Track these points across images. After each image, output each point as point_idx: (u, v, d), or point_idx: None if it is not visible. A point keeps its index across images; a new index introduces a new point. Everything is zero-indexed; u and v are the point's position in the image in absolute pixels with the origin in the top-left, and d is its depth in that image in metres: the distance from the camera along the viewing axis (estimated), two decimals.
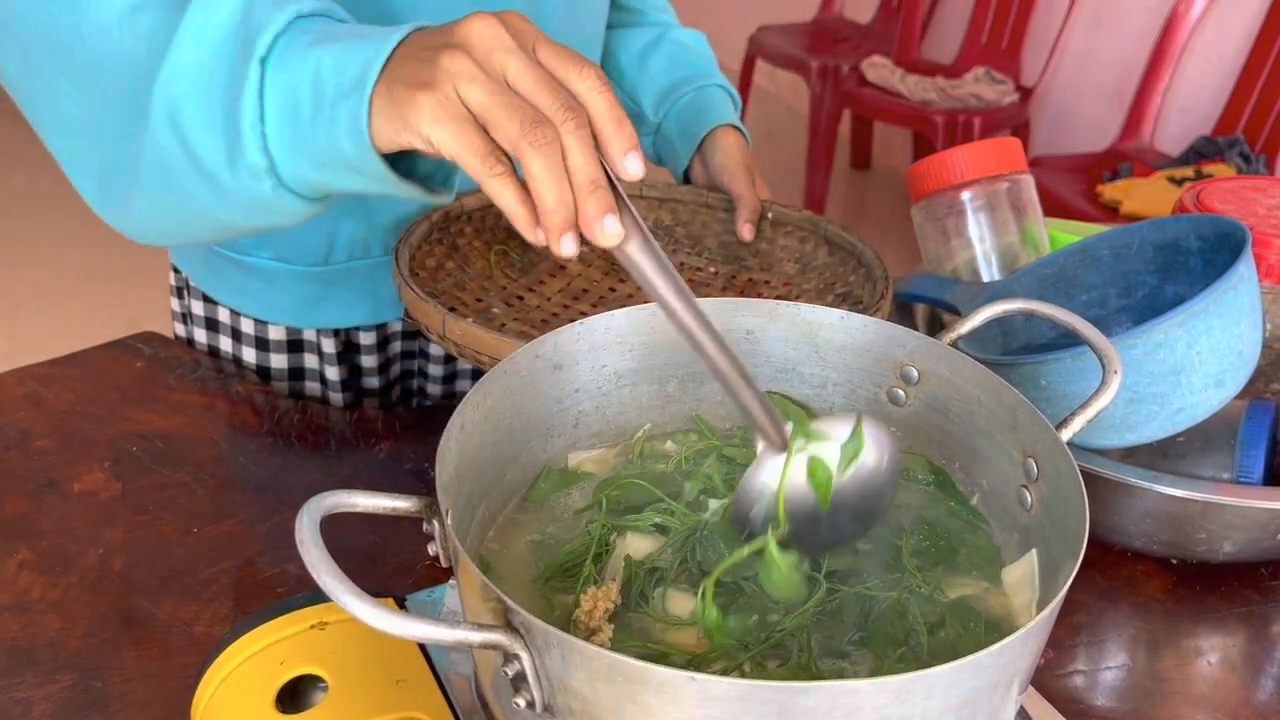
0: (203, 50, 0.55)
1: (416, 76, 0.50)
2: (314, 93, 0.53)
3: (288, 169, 0.56)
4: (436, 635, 0.43)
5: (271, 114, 0.54)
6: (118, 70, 0.58)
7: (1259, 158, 2.34)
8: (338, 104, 0.52)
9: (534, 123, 0.47)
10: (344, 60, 0.52)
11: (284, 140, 0.54)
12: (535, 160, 0.47)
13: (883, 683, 0.41)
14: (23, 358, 0.98)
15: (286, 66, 0.53)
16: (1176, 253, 0.83)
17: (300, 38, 0.54)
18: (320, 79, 0.52)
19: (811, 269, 0.95)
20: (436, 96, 0.49)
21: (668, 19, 1.09)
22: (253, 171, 0.55)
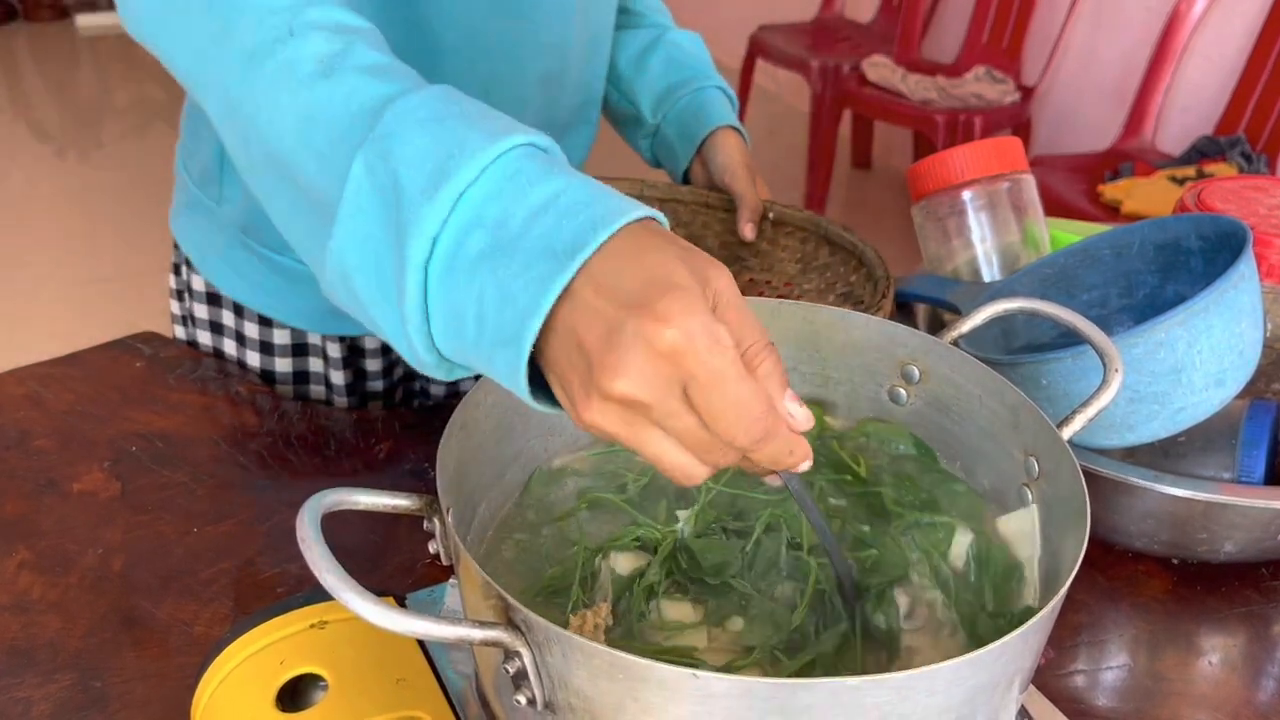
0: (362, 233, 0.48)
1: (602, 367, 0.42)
2: (478, 323, 0.45)
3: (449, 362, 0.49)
4: (438, 632, 0.43)
5: (436, 320, 0.47)
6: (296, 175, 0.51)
7: (1260, 157, 2.34)
8: (496, 349, 0.45)
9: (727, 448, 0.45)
10: (505, 296, 0.44)
11: (450, 347, 0.48)
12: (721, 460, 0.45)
13: (883, 680, 0.41)
14: (23, 358, 0.98)
15: (451, 283, 0.46)
16: (1177, 252, 0.83)
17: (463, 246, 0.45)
18: (483, 311, 0.45)
19: (813, 269, 0.95)
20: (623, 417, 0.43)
21: (664, 20, 1.10)
22: (421, 364, 0.49)
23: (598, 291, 0.42)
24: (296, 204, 0.52)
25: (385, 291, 0.48)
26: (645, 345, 0.41)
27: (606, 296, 0.42)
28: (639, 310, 0.41)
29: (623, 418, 0.43)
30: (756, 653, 0.53)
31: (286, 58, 0.51)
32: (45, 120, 4.34)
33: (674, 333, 0.41)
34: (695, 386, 0.42)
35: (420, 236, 0.45)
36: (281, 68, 0.51)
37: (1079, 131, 2.96)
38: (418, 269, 0.46)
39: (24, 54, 5.08)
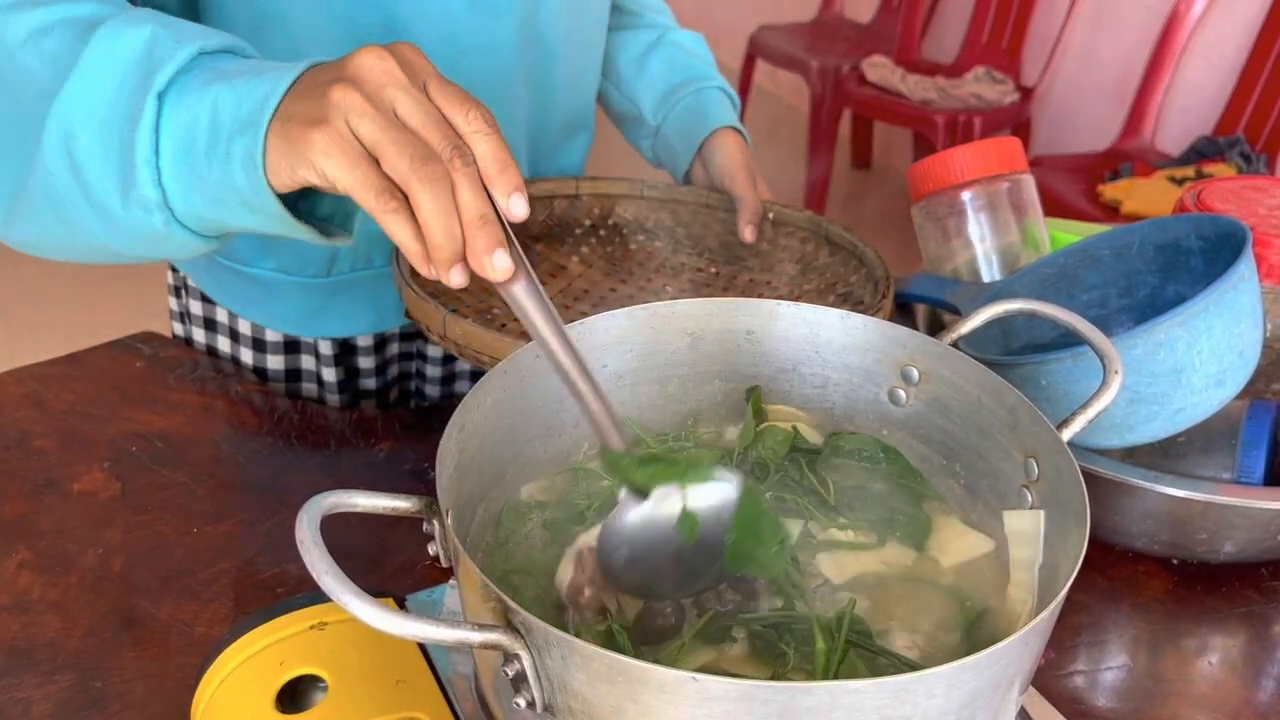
0: (103, 81, 0.55)
1: (309, 112, 0.50)
2: (210, 128, 0.53)
3: (181, 204, 0.55)
4: (437, 635, 0.43)
5: (167, 149, 0.54)
6: (19, 90, 0.57)
7: (1260, 157, 2.34)
8: (233, 139, 0.52)
9: (423, 159, 0.48)
10: (240, 96, 0.52)
11: (179, 175, 0.54)
12: (424, 195, 0.48)
13: (883, 683, 0.41)
14: (23, 358, 0.98)
15: (184, 102, 0.53)
16: (1177, 252, 0.83)
17: (200, 74, 0.54)
18: (217, 114, 0.52)
19: (813, 269, 0.95)
20: (329, 132, 0.49)
21: (666, 21, 1.10)
22: (144, 205, 0.55)
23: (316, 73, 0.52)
24: (10, 125, 0.58)
25: (110, 135, 0.54)
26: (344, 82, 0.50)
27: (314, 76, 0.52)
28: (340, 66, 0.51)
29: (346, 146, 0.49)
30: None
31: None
32: None
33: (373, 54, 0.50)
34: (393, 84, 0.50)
35: (166, 68, 0.53)
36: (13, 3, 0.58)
37: (1078, 132, 2.96)
38: (154, 96, 0.53)
39: None
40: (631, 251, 1.00)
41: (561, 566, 0.55)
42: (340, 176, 0.49)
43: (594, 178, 1.01)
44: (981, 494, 0.63)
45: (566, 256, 0.97)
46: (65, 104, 0.55)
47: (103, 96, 0.55)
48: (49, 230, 0.61)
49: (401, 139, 0.48)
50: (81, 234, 0.59)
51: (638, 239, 1.01)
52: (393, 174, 0.49)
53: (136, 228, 0.57)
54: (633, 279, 0.95)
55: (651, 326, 0.67)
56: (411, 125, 0.50)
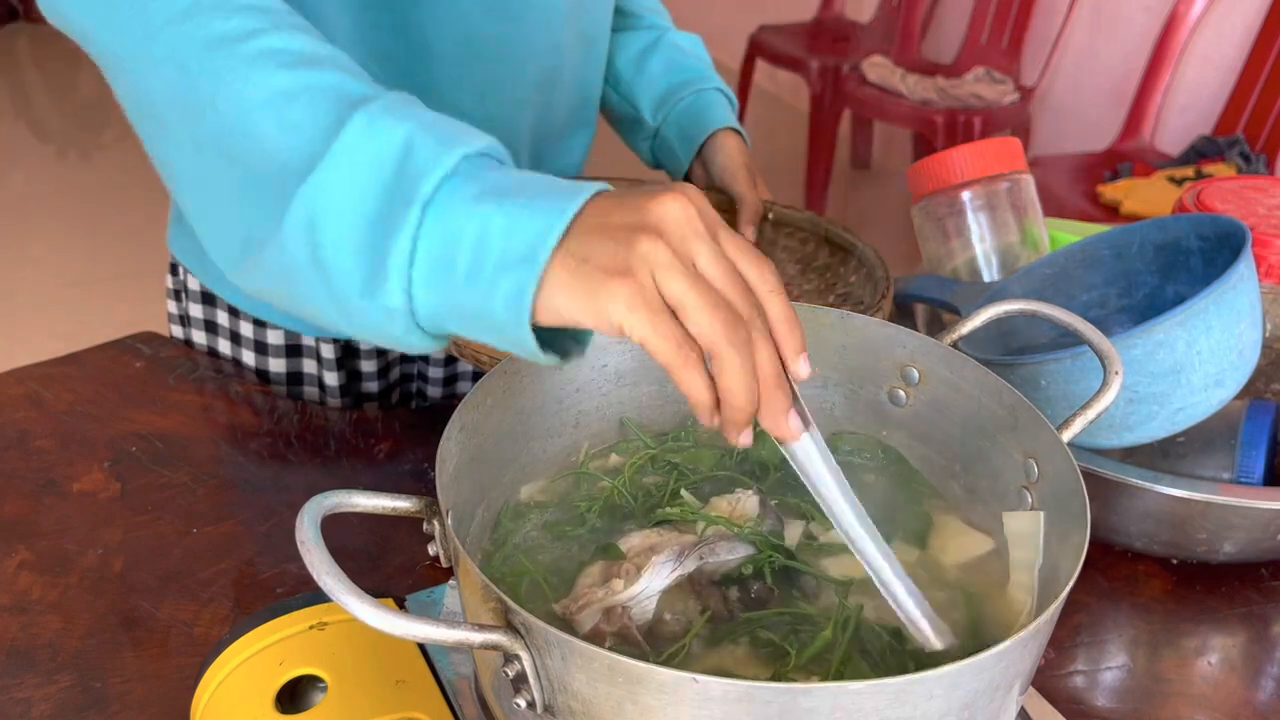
0: (357, 176, 0.51)
1: (611, 260, 0.47)
2: (475, 252, 0.49)
3: (428, 318, 0.52)
4: (437, 635, 0.43)
5: (422, 261, 0.50)
6: (248, 154, 0.54)
7: (1259, 157, 2.34)
8: (500, 272, 0.48)
9: (732, 323, 0.47)
10: (514, 224, 0.48)
11: (431, 291, 0.51)
12: (733, 359, 0.47)
13: (883, 684, 0.41)
14: (23, 358, 0.98)
15: (448, 216, 0.49)
16: (1177, 252, 0.83)
17: (467, 185, 0.50)
18: (485, 239, 0.49)
19: (812, 269, 0.95)
20: (633, 286, 0.47)
21: (663, 22, 1.10)
22: (388, 312, 0.51)
23: (606, 207, 0.49)
24: (237, 180, 0.55)
25: (362, 230, 0.51)
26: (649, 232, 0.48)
27: (605, 214, 0.49)
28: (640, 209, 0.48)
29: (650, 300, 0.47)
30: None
31: (267, 44, 0.54)
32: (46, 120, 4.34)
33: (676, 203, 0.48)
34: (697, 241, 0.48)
35: (431, 175, 0.49)
36: (261, 52, 0.54)
37: (1078, 132, 2.96)
38: (419, 207, 0.49)
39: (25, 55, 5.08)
40: None
41: (586, 612, 0.54)
42: (641, 330, 0.47)
43: (593, 178, 1.00)
44: (981, 494, 0.63)
45: None
46: (314, 190, 0.51)
47: (355, 192, 0.51)
48: (282, 295, 0.57)
49: (709, 300, 0.47)
50: (310, 310, 0.56)
51: None
52: (698, 333, 0.47)
53: (371, 325, 0.53)
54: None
55: None
56: (716, 285, 0.48)
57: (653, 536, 0.59)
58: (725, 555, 0.57)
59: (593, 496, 0.64)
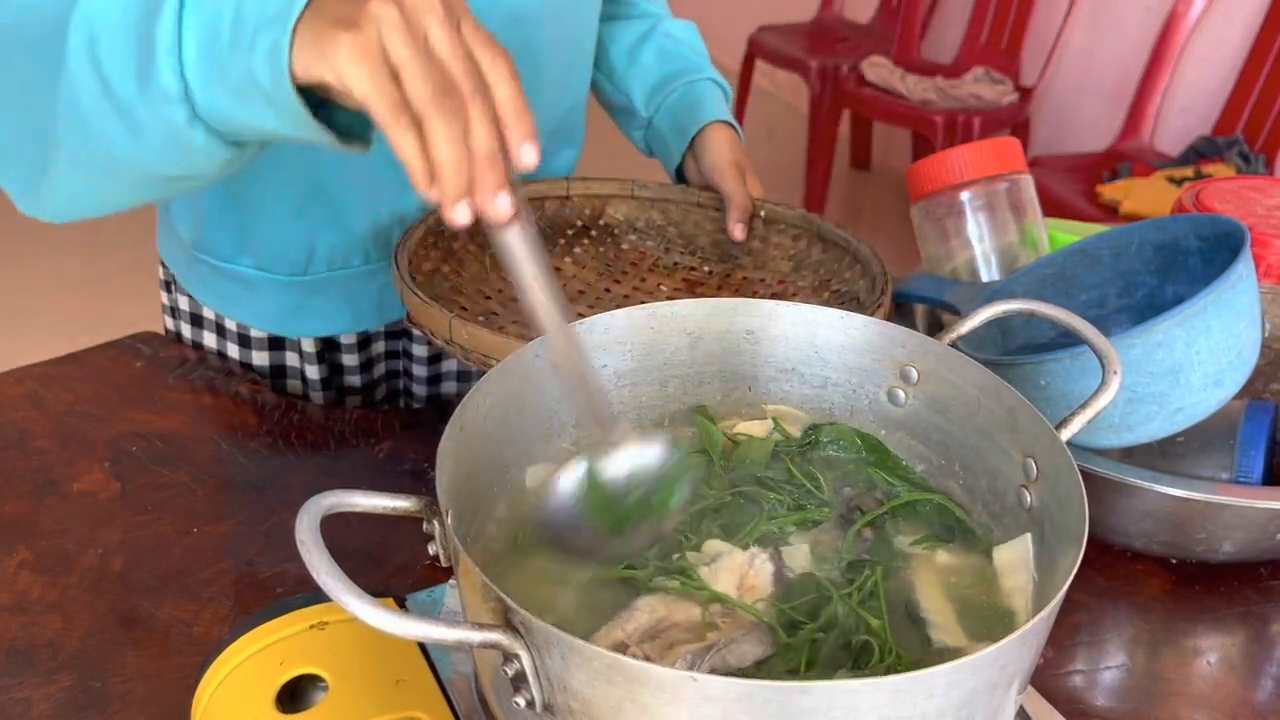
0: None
1: (343, 14, 0.50)
2: (235, 19, 0.53)
3: (203, 97, 0.55)
4: (437, 635, 0.43)
5: (190, 40, 0.54)
6: (34, 24, 0.58)
7: (1258, 157, 2.34)
8: (259, 31, 0.52)
9: (445, 89, 0.49)
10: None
11: (201, 67, 0.54)
12: (440, 123, 0.48)
13: (881, 683, 0.41)
14: (22, 358, 0.98)
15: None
16: (1176, 252, 0.83)
17: None
18: (243, 5, 0.53)
19: (805, 266, 0.95)
20: (359, 38, 0.49)
21: (658, 10, 1.09)
22: (166, 97, 0.55)
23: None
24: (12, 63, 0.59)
25: (130, 30, 0.55)
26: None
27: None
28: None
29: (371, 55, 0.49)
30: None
31: None
32: None
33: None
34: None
35: None
36: None
37: (1077, 132, 2.96)
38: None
39: None
40: (624, 252, 1.00)
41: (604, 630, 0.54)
42: (359, 83, 0.49)
43: (584, 178, 1.01)
44: (980, 494, 0.63)
45: (559, 258, 0.97)
46: (85, 10, 0.56)
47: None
48: (80, 163, 0.61)
49: (428, 65, 0.49)
50: (108, 155, 0.59)
51: (629, 239, 1.01)
52: (412, 96, 0.49)
53: (159, 127, 0.57)
54: (626, 279, 0.95)
55: (651, 326, 0.67)
56: (439, 55, 0.50)
57: (660, 608, 0.56)
58: (742, 657, 0.54)
59: None
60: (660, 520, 0.58)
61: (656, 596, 0.56)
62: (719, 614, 0.56)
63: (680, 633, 0.54)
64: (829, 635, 0.54)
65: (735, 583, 0.57)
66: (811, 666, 0.53)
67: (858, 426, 0.69)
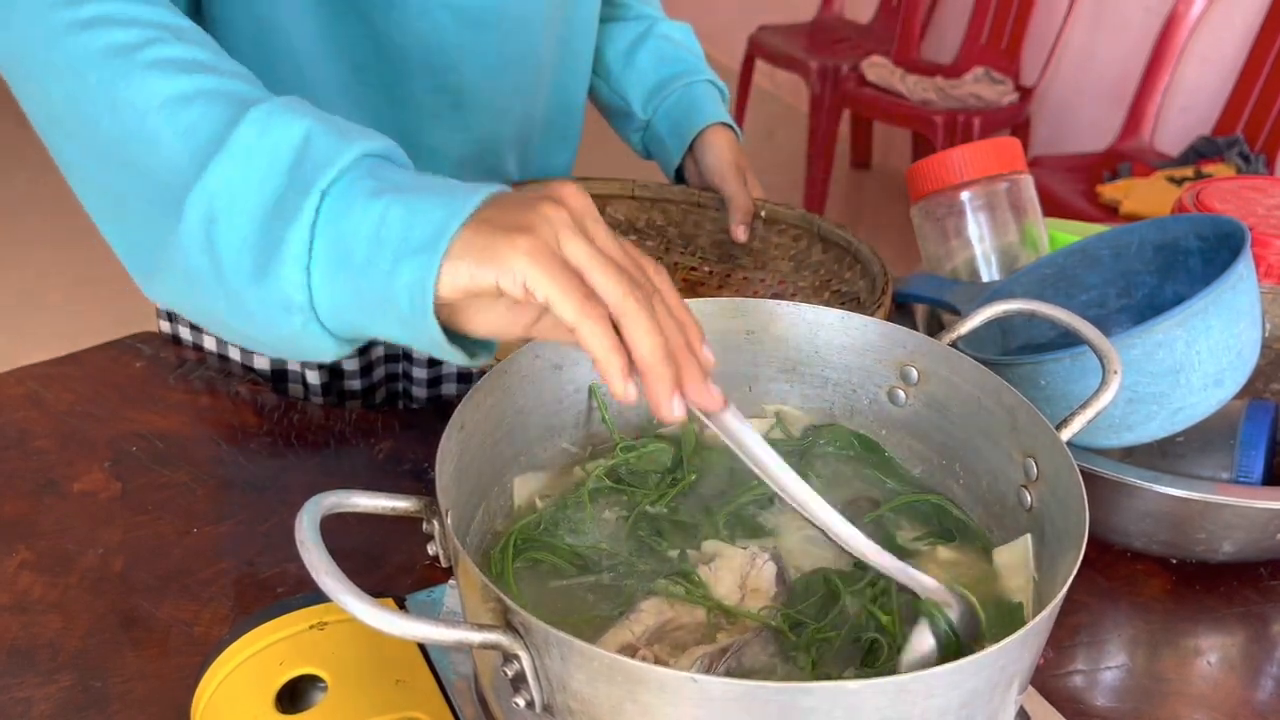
0: (253, 169, 0.51)
1: (514, 220, 0.48)
2: (373, 241, 0.49)
3: (329, 309, 0.52)
4: (436, 635, 0.43)
5: (320, 250, 0.50)
6: (145, 160, 0.54)
7: (1258, 157, 2.34)
8: (401, 260, 0.48)
9: (636, 284, 0.48)
10: (414, 215, 0.49)
11: (331, 281, 0.51)
12: (640, 317, 0.47)
13: (882, 683, 0.41)
14: (23, 358, 0.98)
15: (346, 208, 0.50)
16: (1176, 252, 0.83)
17: (366, 180, 0.50)
18: (384, 228, 0.49)
19: (806, 266, 0.95)
20: (536, 240, 0.47)
21: (653, 12, 1.08)
22: (285, 305, 0.51)
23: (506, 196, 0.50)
24: (137, 187, 0.55)
25: (255, 223, 0.51)
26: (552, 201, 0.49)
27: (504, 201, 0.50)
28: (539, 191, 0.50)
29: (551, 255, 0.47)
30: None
31: (165, 53, 0.55)
32: None
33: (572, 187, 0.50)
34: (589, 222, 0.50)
35: (329, 168, 0.50)
36: (158, 60, 0.54)
37: (1077, 132, 2.96)
38: (316, 194, 0.49)
39: None
40: None
41: (612, 633, 0.54)
42: (542, 283, 0.47)
43: (584, 178, 1.01)
44: (981, 494, 0.63)
45: None
46: (210, 183, 0.52)
47: (252, 183, 0.51)
48: (185, 302, 0.57)
49: (610, 263, 0.48)
50: (217, 317, 0.56)
51: (629, 239, 1.01)
52: (603, 292, 0.47)
53: (268, 323, 0.53)
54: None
55: None
56: (613, 256, 0.49)
57: (666, 610, 0.56)
58: (755, 659, 0.54)
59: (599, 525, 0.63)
60: None
61: (660, 598, 0.56)
62: (725, 615, 0.56)
63: (687, 634, 0.55)
64: (840, 632, 0.54)
65: (737, 583, 0.57)
66: (820, 665, 0.53)
67: (858, 427, 0.69)
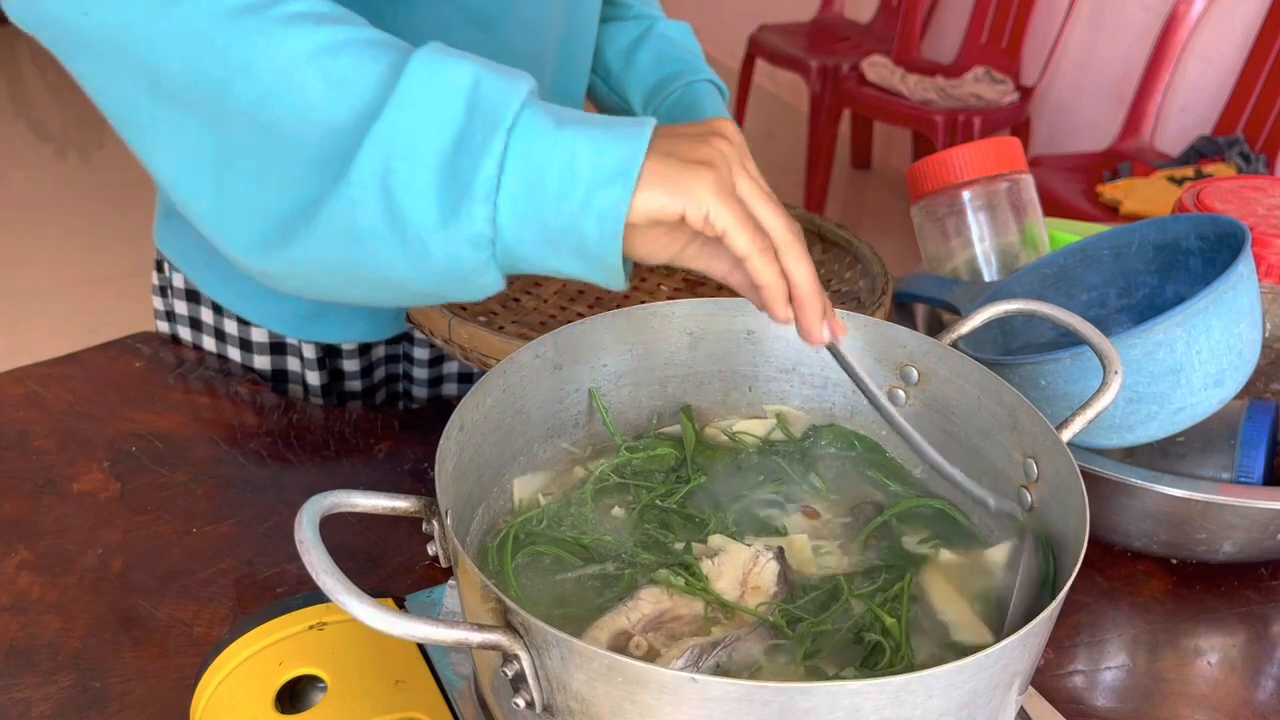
0: (430, 114, 0.52)
1: (695, 154, 0.52)
2: (566, 174, 0.51)
3: (507, 245, 0.53)
4: (436, 636, 0.43)
5: (510, 184, 0.51)
6: (298, 114, 0.53)
7: (1259, 157, 2.34)
8: (595, 189, 0.50)
9: (790, 223, 0.54)
10: (600, 146, 0.51)
11: (519, 214, 0.52)
12: (799, 251, 0.54)
13: (882, 683, 0.41)
14: (23, 358, 0.98)
15: (534, 140, 0.51)
16: (1176, 252, 0.83)
17: (543, 114, 0.52)
18: (575, 160, 0.51)
19: None
20: (718, 175, 0.52)
21: (653, 11, 1.09)
22: (472, 241, 0.52)
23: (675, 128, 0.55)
24: (273, 149, 0.54)
25: (438, 165, 0.52)
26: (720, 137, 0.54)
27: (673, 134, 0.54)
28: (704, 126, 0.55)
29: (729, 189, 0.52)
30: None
31: (294, 8, 0.54)
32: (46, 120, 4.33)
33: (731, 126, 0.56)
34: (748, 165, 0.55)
35: (510, 103, 0.52)
36: (291, 16, 0.54)
37: (1078, 132, 2.96)
38: (504, 131, 0.51)
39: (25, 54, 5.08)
40: None
41: (608, 618, 0.54)
42: (723, 216, 0.51)
43: None
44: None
45: None
46: (385, 133, 0.52)
47: (429, 128, 0.52)
48: (332, 269, 0.57)
49: (772, 199, 0.54)
50: (373, 268, 0.56)
51: None
52: (770, 228, 0.53)
53: (448, 263, 0.54)
54: None
55: (651, 326, 0.67)
56: (768, 193, 0.55)
57: (664, 599, 0.56)
58: (747, 654, 0.54)
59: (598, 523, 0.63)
60: None
61: (660, 587, 0.56)
62: (722, 609, 0.56)
63: (683, 625, 0.55)
64: (839, 627, 0.54)
65: (738, 579, 0.57)
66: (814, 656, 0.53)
67: (858, 427, 0.69)
